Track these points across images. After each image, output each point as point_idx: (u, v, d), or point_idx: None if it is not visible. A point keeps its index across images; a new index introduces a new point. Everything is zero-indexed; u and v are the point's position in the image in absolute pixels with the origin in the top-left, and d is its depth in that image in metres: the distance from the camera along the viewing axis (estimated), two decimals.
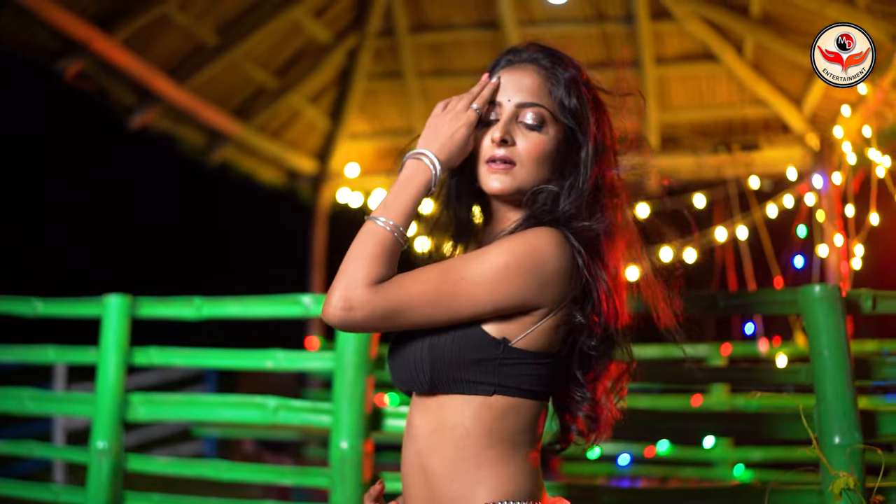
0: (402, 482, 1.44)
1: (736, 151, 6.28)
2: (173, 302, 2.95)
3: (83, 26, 4.37)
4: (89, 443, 2.88)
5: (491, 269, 1.30)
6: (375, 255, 1.30)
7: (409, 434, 1.42)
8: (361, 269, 1.29)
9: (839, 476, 1.93)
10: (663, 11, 5.65)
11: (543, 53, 1.49)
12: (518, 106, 1.43)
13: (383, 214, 1.34)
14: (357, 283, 1.28)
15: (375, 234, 1.32)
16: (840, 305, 2.25)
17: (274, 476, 2.73)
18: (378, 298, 1.27)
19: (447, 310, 1.31)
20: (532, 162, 1.41)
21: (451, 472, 1.33)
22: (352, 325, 1.29)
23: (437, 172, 1.38)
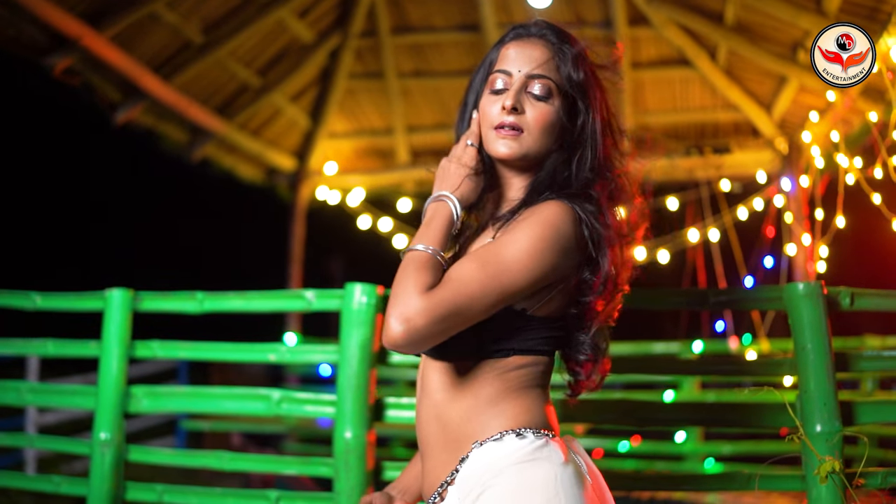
0: (417, 437, 1.51)
1: (708, 154, 6.47)
2: (175, 296, 3.00)
3: (74, 23, 4.39)
4: (91, 434, 2.92)
5: (524, 251, 1.36)
6: (419, 270, 1.33)
7: (424, 391, 1.48)
8: (409, 285, 1.30)
9: (825, 460, 2.07)
10: (641, 17, 5.81)
11: (551, 30, 1.56)
12: (528, 77, 1.49)
13: (419, 242, 1.38)
14: (408, 296, 1.29)
15: (415, 258, 1.35)
16: (822, 302, 2.38)
17: (277, 466, 2.80)
18: (433, 302, 1.29)
19: (496, 297, 1.34)
20: (539, 130, 1.48)
21: (468, 416, 1.41)
22: (416, 338, 1.28)
23: (457, 208, 1.45)
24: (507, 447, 1.37)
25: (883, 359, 2.70)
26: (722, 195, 6.28)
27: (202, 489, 2.84)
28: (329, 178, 6.95)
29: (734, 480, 2.46)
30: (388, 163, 7.19)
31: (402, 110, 6.79)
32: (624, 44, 6.01)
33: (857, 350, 5.15)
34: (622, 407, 2.53)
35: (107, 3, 4.56)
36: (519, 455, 1.36)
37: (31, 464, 6.81)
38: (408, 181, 7.18)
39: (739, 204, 6.27)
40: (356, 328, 2.62)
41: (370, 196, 6.80)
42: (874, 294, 2.55)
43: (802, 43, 5.12)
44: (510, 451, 1.37)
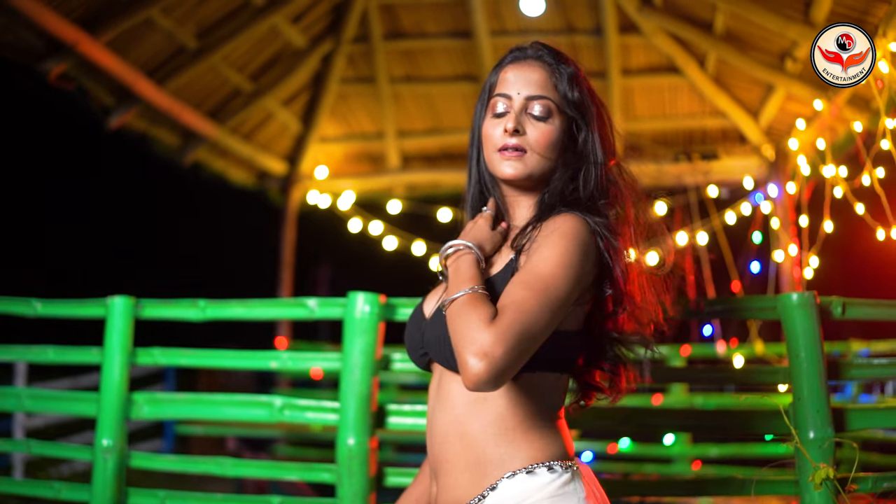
0: (430, 449, 1.52)
1: (696, 160, 6.55)
2: (177, 304, 3.02)
3: (70, 28, 4.40)
4: (94, 440, 2.93)
5: (558, 265, 1.39)
6: (475, 307, 1.33)
7: (443, 404, 1.49)
8: (472, 322, 1.30)
9: (819, 467, 2.13)
10: (631, 25, 5.88)
11: (547, 51, 1.61)
12: (527, 98, 1.54)
13: (457, 290, 1.39)
14: (477, 332, 1.28)
15: (463, 300, 1.36)
16: (815, 312, 2.44)
17: (279, 472, 2.83)
18: (502, 330, 1.28)
19: (551, 313, 1.35)
20: (541, 149, 1.53)
21: (494, 437, 1.43)
22: (498, 370, 1.26)
23: (477, 252, 1.49)
24: (538, 481, 1.41)
25: (873, 366, 2.78)
26: (710, 201, 6.36)
27: (203, 495, 2.87)
28: (320, 182, 6.99)
29: (730, 485, 2.52)
30: (378, 167, 7.23)
31: (392, 115, 6.84)
32: (614, 52, 6.09)
33: (843, 355, 5.26)
34: (622, 413, 2.59)
35: (103, 9, 4.58)
36: (550, 489, 1.40)
37: (19, 468, 6.81)
38: (398, 185, 7.22)
39: (727, 209, 6.36)
40: (359, 336, 2.66)
41: (360, 200, 6.84)
42: (864, 303, 2.62)
43: (790, 52, 5.20)
44: (542, 484, 1.41)
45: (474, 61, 6.37)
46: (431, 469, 1.55)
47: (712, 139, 6.77)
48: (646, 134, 6.76)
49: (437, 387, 1.54)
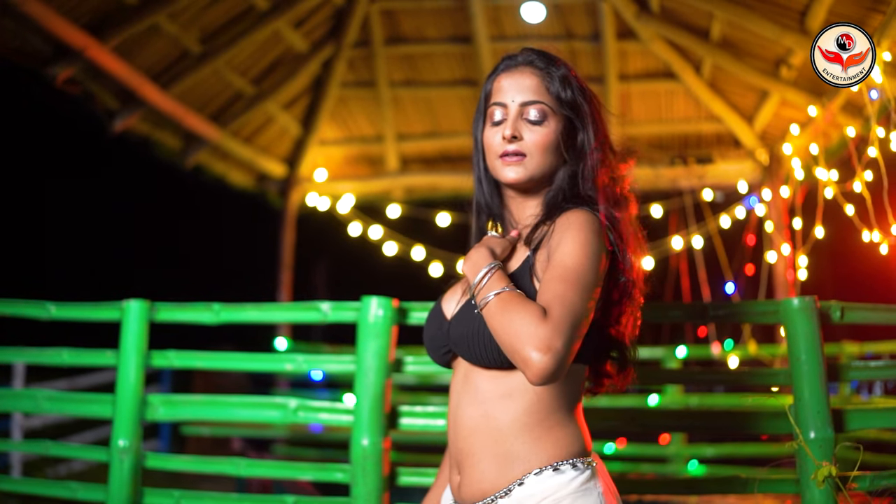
0: (454, 442, 1.59)
1: (691, 164, 6.65)
2: (191, 307, 3.07)
3: (78, 33, 4.45)
4: (110, 442, 2.99)
5: (583, 256, 1.46)
6: (522, 305, 1.39)
7: (471, 398, 1.56)
8: (526, 319, 1.36)
9: (822, 465, 2.22)
10: (629, 31, 5.96)
11: (537, 55, 1.68)
12: (522, 105, 1.61)
13: (494, 288, 1.46)
14: (534, 328, 1.34)
15: (505, 298, 1.42)
16: (815, 316, 2.53)
17: (293, 472, 2.89)
18: (556, 322, 1.35)
19: (589, 303, 1.43)
20: (540, 153, 1.60)
21: (522, 432, 1.51)
22: (561, 361, 1.33)
23: (501, 265, 1.54)
24: (563, 478, 1.49)
25: (870, 369, 2.87)
26: (705, 204, 6.46)
27: (218, 494, 2.93)
28: (319, 185, 7.05)
29: (733, 484, 2.60)
30: (377, 170, 7.29)
31: (392, 119, 6.91)
32: (612, 57, 6.17)
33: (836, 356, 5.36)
34: (628, 414, 2.66)
35: (110, 15, 4.63)
36: (573, 486, 1.48)
37: (17, 467, 6.84)
38: (397, 188, 7.29)
39: (722, 213, 6.46)
40: (372, 339, 2.73)
41: (359, 202, 6.91)
42: (862, 308, 2.71)
43: (785, 59, 5.30)
44: (566, 481, 1.49)
45: (473, 66, 6.44)
46: (454, 461, 1.61)
47: (707, 143, 6.86)
48: (642, 138, 6.85)
49: (462, 382, 1.60)
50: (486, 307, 1.45)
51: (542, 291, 1.43)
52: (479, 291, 1.48)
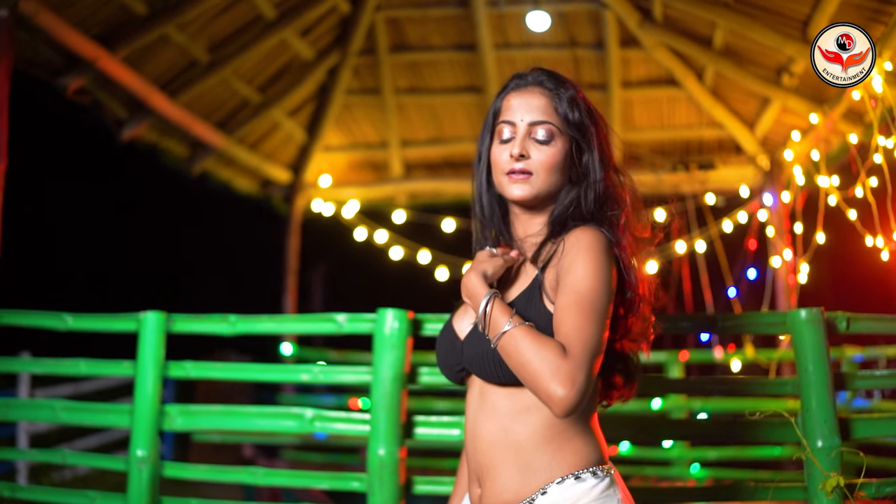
0: (474, 455, 1.63)
1: (693, 169, 6.71)
2: (207, 319, 3.12)
3: (90, 45, 4.50)
4: (128, 451, 3.04)
5: (594, 279, 1.51)
6: (539, 340, 1.46)
7: (489, 414, 1.60)
8: (546, 354, 1.43)
9: (830, 476, 2.27)
10: (632, 39, 6.02)
11: (547, 76, 1.72)
12: (530, 124, 1.66)
13: (500, 322, 1.51)
14: (556, 362, 1.42)
15: (519, 334, 1.47)
16: (822, 327, 2.58)
17: (310, 481, 2.94)
18: (577, 356, 1.43)
19: (604, 327, 1.49)
20: (546, 171, 1.64)
21: (541, 444, 1.56)
22: (583, 393, 1.41)
23: (498, 293, 1.58)
24: (584, 486, 1.54)
25: (875, 377, 2.93)
26: (707, 209, 6.52)
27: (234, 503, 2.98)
28: (323, 190, 7.11)
29: (741, 492, 2.66)
30: (381, 175, 7.35)
31: (396, 125, 6.96)
32: (615, 65, 6.24)
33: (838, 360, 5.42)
34: (639, 423, 2.71)
35: (121, 26, 4.68)
36: (594, 493, 1.54)
37: (23, 471, 6.89)
38: (401, 193, 7.35)
39: (724, 217, 6.52)
40: (388, 351, 2.78)
41: (363, 207, 6.98)
42: (867, 318, 2.76)
43: (787, 67, 5.36)
44: (587, 489, 1.54)
45: (477, 73, 6.50)
46: (474, 474, 1.65)
47: (709, 149, 6.92)
48: (644, 144, 6.91)
49: (478, 398, 1.65)
50: (500, 345, 1.50)
51: (560, 322, 1.49)
52: (488, 327, 1.53)
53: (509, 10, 5.92)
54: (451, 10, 6.07)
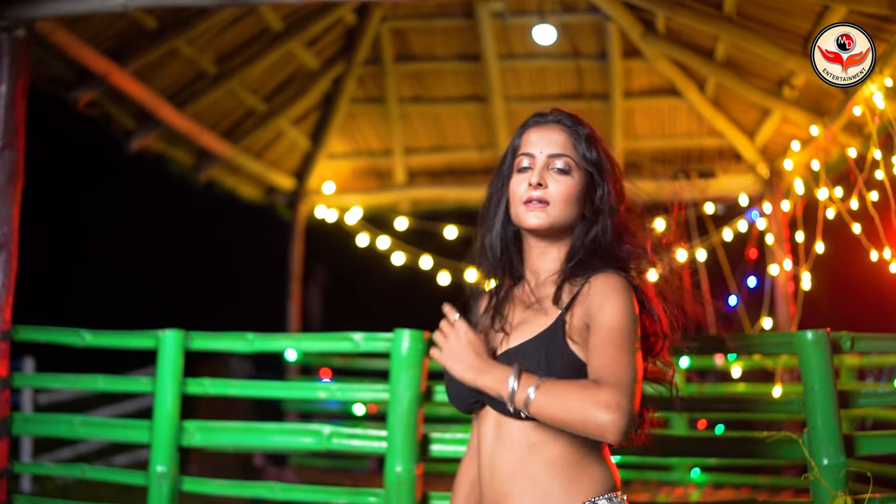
0: (490, 486, 1.66)
1: (693, 178, 6.78)
2: (225, 336, 3.18)
3: (101, 59, 4.55)
4: (148, 467, 3.10)
5: (625, 319, 1.59)
6: (566, 386, 1.52)
7: (505, 445, 1.64)
8: (581, 393, 1.49)
9: (838, 495, 2.34)
10: (634, 51, 6.09)
11: (565, 115, 1.82)
12: (549, 156, 1.75)
13: (525, 389, 1.54)
14: (592, 397, 1.47)
15: (546, 392, 1.52)
16: (828, 348, 2.65)
17: (327, 496, 3.00)
18: (614, 382, 1.49)
19: (636, 359, 1.57)
20: (563, 202, 1.72)
21: (559, 474, 1.61)
22: (629, 411, 1.46)
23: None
24: None
25: (878, 395, 3.01)
26: (707, 217, 6.59)
27: None
28: (327, 197, 7.17)
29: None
30: (384, 183, 7.41)
31: (400, 133, 7.02)
32: (618, 75, 6.31)
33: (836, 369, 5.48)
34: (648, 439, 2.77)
35: (131, 40, 4.73)
36: None
37: (27, 477, 6.93)
38: (403, 200, 7.41)
39: (724, 226, 6.60)
40: (405, 370, 2.84)
41: (366, 214, 7.05)
42: (870, 337, 2.83)
43: (788, 80, 5.42)
44: None
45: (481, 83, 6.56)
46: (485, 500, 1.70)
47: (709, 158, 6.99)
48: (645, 152, 6.98)
49: (494, 430, 1.68)
50: (532, 406, 1.53)
51: (594, 357, 1.56)
52: (515, 399, 1.55)
53: (514, 22, 5.98)
54: (455, 21, 6.13)
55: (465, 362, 1.62)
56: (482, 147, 7.11)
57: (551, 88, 6.65)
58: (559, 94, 6.65)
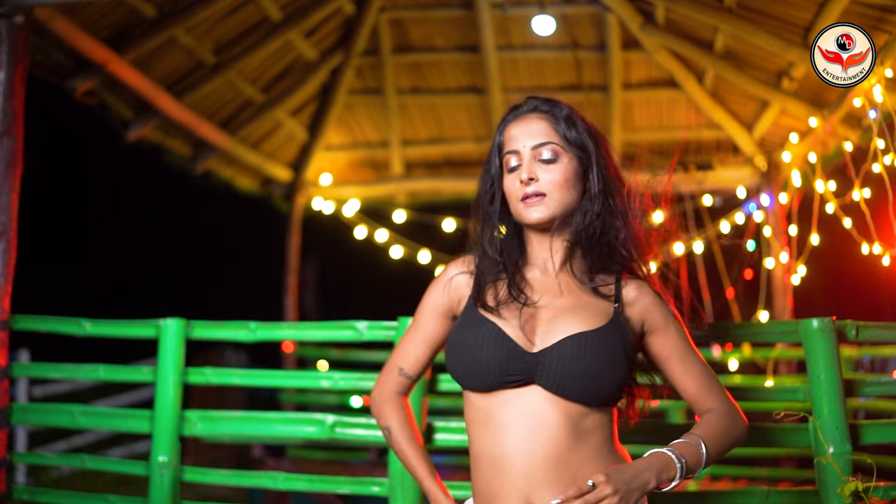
0: (510, 471, 1.61)
1: (691, 170, 6.78)
2: (227, 325, 3.15)
3: (99, 48, 4.52)
4: (149, 457, 3.08)
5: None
6: (715, 428, 1.72)
7: (539, 433, 1.61)
8: (728, 428, 1.73)
9: (849, 481, 2.34)
10: (634, 42, 6.08)
11: (540, 101, 1.79)
12: (534, 148, 1.72)
13: (696, 460, 1.66)
14: (732, 419, 1.75)
15: (709, 445, 1.67)
16: (834, 336, 2.64)
17: (330, 486, 2.99)
18: (719, 387, 1.79)
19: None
20: (558, 190, 1.70)
21: (585, 461, 1.62)
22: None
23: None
24: None
25: (882, 384, 3.01)
26: (704, 209, 6.59)
27: None
28: (324, 189, 7.15)
29: (753, 496, 2.72)
30: (381, 174, 7.39)
31: (398, 125, 7.00)
32: (616, 67, 6.30)
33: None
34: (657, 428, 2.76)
35: (130, 28, 4.70)
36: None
37: (21, 470, 6.90)
38: (400, 192, 7.40)
39: (722, 218, 6.60)
40: None
41: (364, 206, 7.03)
42: (875, 326, 2.83)
43: (787, 71, 5.42)
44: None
45: (480, 74, 6.54)
46: (520, 493, 1.62)
47: (707, 150, 6.99)
48: (644, 144, 6.98)
49: (530, 417, 1.62)
50: (706, 464, 1.67)
51: (694, 375, 1.77)
52: (688, 474, 1.63)
53: (513, 13, 5.96)
54: (454, 12, 6.11)
55: (630, 489, 1.54)
56: (480, 139, 7.09)
57: (550, 80, 6.64)
58: (558, 85, 6.64)
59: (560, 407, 1.63)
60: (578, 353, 1.62)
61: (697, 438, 1.64)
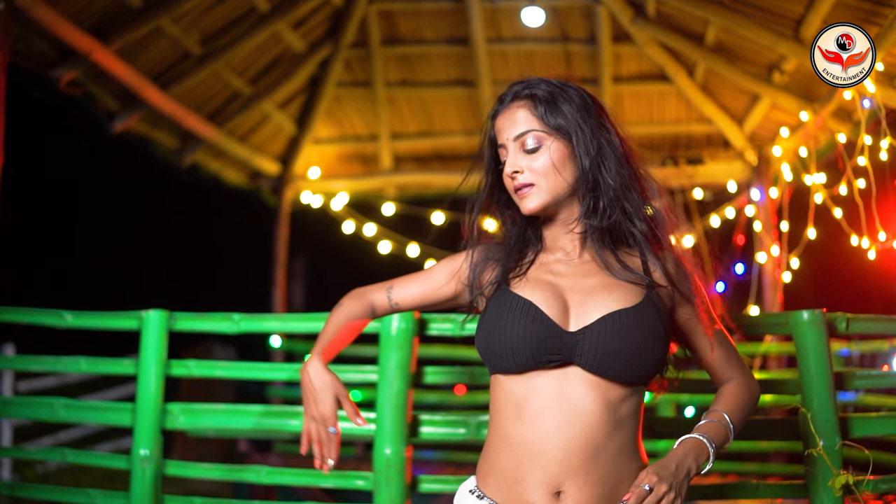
0: (549, 458, 1.55)
1: (681, 164, 6.76)
2: (210, 317, 3.11)
3: (83, 37, 4.46)
4: (131, 450, 3.03)
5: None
6: (737, 402, 1.75)
7: (575, 417, 1.55)
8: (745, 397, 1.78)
9: (840, 473, 2.32)
10: (624, 35, 6.05)
11: (521, 86, 1.72)
12: (515, 139, 1.68)
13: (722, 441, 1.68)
14: (750, 389, 1.79)
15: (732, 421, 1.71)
16: (824, 328, 2.62)
17: (315, 479, 2.95)
18: (742, 362, 1.83)
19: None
20: (545, 177, 1.65)
21: (627, 454, 1.58)
22: None
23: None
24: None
25: (872, 377, 2.99)
26: (695, 203, 6.58)
27: (242, 503, 2.99)
28: (312, 182, 7.10)
29: (743, 490, 2.70)
30: (370, 168, 7.35)
31: (386, 118, 6.95)
32: (607, 60, 6.27)
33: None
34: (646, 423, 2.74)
35: (114, 17, 4.64)
36: None
37: (7, 465, 6.84)
38: (389, 186, 7.36)
39: (712, 213, 6.59)
40: (395, 351, 2.79)
41: (352, 200, 6.99)
42: (866, 318, 2.81)
43: (778, 65, 5.40)
44: None
45: (470, 67, 6.50)
46: (554, 479, 1.56)
47: (697, 144, 6.97)
48: (634, 138, 6.92)
49: (565, 400, 1.58)
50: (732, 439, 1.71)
51: (717, 345, 1.78)
52: (720, 451, 1.66)
53: (503, 5, 5.92)
54: (444, 3, 6.06)
55: (679, 482, 1.55)
56: (469, 132, 7.04)
57: (540, 73, 6.40)
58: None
59: (599, 392, 1.57)
60: (618, 330, 1.57)
61: (722, 415, 1.68)
